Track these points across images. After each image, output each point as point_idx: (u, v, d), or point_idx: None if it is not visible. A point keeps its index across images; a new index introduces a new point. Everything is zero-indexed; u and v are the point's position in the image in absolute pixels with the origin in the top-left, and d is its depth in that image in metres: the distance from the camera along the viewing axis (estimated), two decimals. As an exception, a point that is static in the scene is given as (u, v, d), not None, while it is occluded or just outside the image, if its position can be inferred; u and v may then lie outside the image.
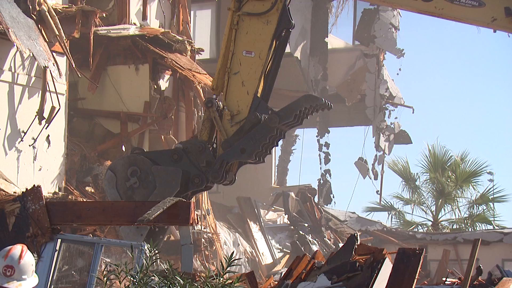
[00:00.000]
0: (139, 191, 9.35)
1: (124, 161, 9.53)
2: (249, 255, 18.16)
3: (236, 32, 9.30)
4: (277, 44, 9.43)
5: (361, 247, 8.91)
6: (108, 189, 9.51)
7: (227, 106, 9.31)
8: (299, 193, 20.98)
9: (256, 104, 9.26)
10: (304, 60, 21.78)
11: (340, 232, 20.94)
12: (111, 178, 9.47)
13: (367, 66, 22.17)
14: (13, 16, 12.87)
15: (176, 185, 9.23)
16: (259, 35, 9.25)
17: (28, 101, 13.46)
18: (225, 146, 9.26)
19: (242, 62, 9.29)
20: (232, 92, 9.31)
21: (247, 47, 9.28)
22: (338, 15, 22.82)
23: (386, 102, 22.23)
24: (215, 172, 9.27)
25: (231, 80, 9.31)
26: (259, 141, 9.21)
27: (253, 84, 9.30)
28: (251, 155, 9.29)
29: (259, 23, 9.26)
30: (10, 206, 8.38)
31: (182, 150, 9.37)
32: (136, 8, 17.53)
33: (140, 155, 9.48)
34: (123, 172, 9.40)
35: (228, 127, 9.28)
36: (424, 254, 8.14)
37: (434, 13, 9.08)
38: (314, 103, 9.48)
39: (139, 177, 9.34)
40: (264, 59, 9.30)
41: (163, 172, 9.25)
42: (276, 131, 9.26)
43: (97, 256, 8.29)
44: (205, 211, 16.13)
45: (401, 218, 24.28)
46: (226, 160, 9.27)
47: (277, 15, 9.25)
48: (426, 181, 24.20)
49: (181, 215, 8.44)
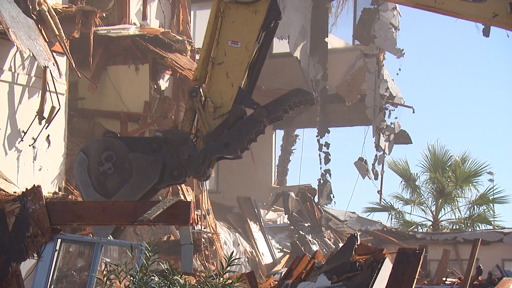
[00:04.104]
0: (112, 178, 8.79)
1: (99, 145, 8.94)
2: (249, 255, 18.16)
3: (222, 21, 8.85)
4: (264, 35, 9.04)
5: (361, 247, 8.92)
6: (78, 172, 8.90)
7: (210, 98, 8.82)
8: (299, 193, 20.98)
9: (240, 97, 8.82)
10: (304, 60, 21.77)
11: (340, 232, 20.94)
12: (82, 161, 8.86)
13: (367, 66, 22.16)
14: (13, 16, 12.87)
15: (155, 176, 8.72)
16: (247, 24, 8.85)
17: (28, 101, 13.46)
18: (207, 139, 8.78)
19: (227, 52, 8.83)
20: (216, 83, 8.84)
21: (233, 37, 8.83)
22: (338, 14, 22.82)
23: (386, 102, 22.21)
24: (197, 167, 8.77)
25: (214, 70, 8.84)
26: (245, 136, 8.78)
27: (238, 76, 8.84)
28: (236, 150, 8.84)
29: (247, 12, 8.85)
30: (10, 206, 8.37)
31: (162, 140, 8.84)
32: (136, 8, 17.54)
33: (118, 140, 8.88)
34: (97, 156, 8.81)
35: (210, 120, 8.81)
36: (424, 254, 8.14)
37: (433, 7, 8.89)
38: (304, 97, 9.05)
39: (114, 163, 8.77)
40: (250, 50, 8.87)
41: (142, 161, 8.71)
42: (263, 125, 8.85)
43: (97, 256, 8.29)
44: (205, 211, 16.12)
45: (401, 218, 24.30)
46: (209, 154, 8.80)
47: (266, 5, 8.88)
48: (426, 181, 24.22)
49: (181, 215, 8.36)
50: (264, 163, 23.18)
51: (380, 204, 23.66)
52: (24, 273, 8.80)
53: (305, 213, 20.50)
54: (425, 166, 24.14)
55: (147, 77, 16.49)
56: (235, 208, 19.59)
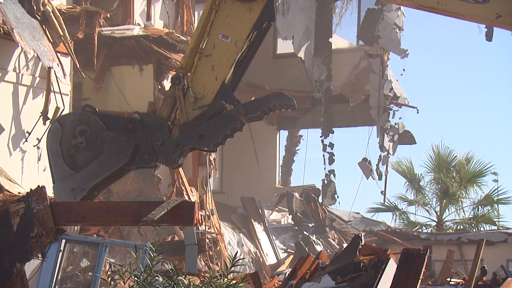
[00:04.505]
0: (83, 153, 8.75)
1: (75, 117, 8.95)
2: (253, 256, 18.16)
3: (216, 14, 8.78)
4: (255, 34, 8.97)
5: (365, 248, 8.91)
6: (51, 141, 8.89)
7: (192, 88, 8.78)
8: (303, 193, 20.97)
9: (222, 92, 8.76)
10: (308, 60, 21.76)
11: (344, 233, 20.93)
12: (56, 131, 8.86)
13: (371, 67, 22.14)
14: (17, 17, 12.89)
15: (125, 157, 8.69)
16: (240, 21, 8.78)
17: (32, 102, 13.48)
18: (183, 129, 8.75)
19: (216, 46, 8.77)
20: (200, 74, 8.80)
21: (225, 31, 8.77)
22: (342, 15, 22.80)
23: (390, 103, 22.19)
24: (168, 154, 8.75)
25: (201, 61, 8.78)
26: (220, 131, 8.73)
27: (223, 70, 8.79)
28: (209, 143, 8.79)
29: (242, 9, 8.76)
30: (15, 206, 8.38)
31: (139, 122, 8.80)
32: (140, 8, 17.56)
33: (94, 115, 8.85)
34: (71, 128, 8.79)
35: (189, 109, 8.76)
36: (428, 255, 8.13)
37: (436, 9, 8.87)
38: (283, 102, 8.93)
39: (87, 138, 8.73)
40: (239, 47, 8.81)
41: (114, 140, 8.70)
42: (239, 123, 8.81)
43: (102, 256, 8.30)
44: (209, 212, 16.13)
45: (405, 218, 24.27)
46: (182, 143, 8.76)
47: (262, 5, 8.78)
48: (431, 181, 24.19)
49: (186, 215, 8.36)
50: (268, 163, 23.18)
51: (384, 204, 23.64)
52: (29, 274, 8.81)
53: (309, 213, 20.49)
54: (429, 167, 24.13)
55: (151, 78, 16.50)
56: (239, 209, 19.59)
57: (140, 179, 14.92)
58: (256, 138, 22.28)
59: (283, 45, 22.35)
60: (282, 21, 21.04)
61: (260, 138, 22.55)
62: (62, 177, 8.78)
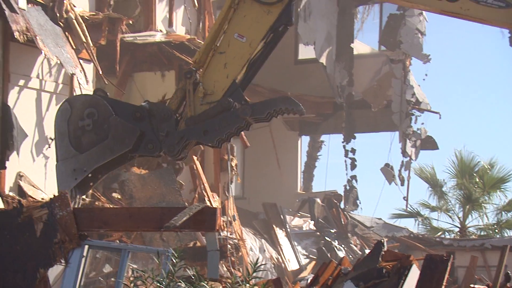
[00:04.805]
0: (89, 135, 8.82)
1: (85, 100, 9.05)
2: (275, 261, 18.14)
3: (234, 12, 8.82)
4: (271, 37, 8.99)
5: (388, 253, 8.87)
6: (59, 121, 8.96)
7: (203, 83, 8.82)
8: (325, 199, 20.93)
9: (232, 90, 8.79)
10: (330, 66, 21.74)
11: (366, 238, 20.85)
12: (65, 111, 8.92)
13: (393, 72, 22.08)
14: (40, 24, 12.98)
15: (129, 143, 8.74)
16: (257, 22, 8.80)
17: (55, 108, 13.55)
18: (189, 122, 8.80)
19: (230, 44, 8.81)
20: (212, 71, 8.84)
21: (241, 30, 8.80)
22: (364, 20, 22.78)
23: (413, 108, 22.12)
24: (171, 146, 8.79)
25: (214, 58, 8.84)
26: (225, 128, 8.76)
27: (235, 69, 8.83)
28: (213, 140, 8.82)
29: (260, 10, 8.78)
30: (38, 212, 8.43)
31: (147, 111, 8.86)
32: (162, 15, 17.63)
33: (104, 99, 8.94)
34: (80, 110, 8.86)
35: (198, 104, 8.79)
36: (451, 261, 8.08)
37: (459, 14, 8.83)
38: (290, 106, 8.89)
39: (94, 121, 8.80)
40: (254, 48, 8.83)
41: (120, 126, 8.75)
42: (244, 122, 8.84)
43: (124, 262, 8.32)
44: (231, 217, 16.14)
45: (428, 224, 24.15)
46: (186, 137, 8.79)
47: (281, 8, 8.79)
48: (453, 187, 24.06)
49: (208, 221, 8.38)
50: (290, 169, 23.16)
51: (407, 210, 23.53)
52: (52, 279, 8.85)
53: (331, 219, 20.45)
54: (452, 172, 23.99)
55: (173, 84, 16.55)
56: (261, 214, 19.58)
57: (162, 185, 14.96)
58: (278, 144, 22.28)
59: (305, 50, 22.34)
60: (303, 26, 21.04)
61: (281, 144, 22.55)
62: (66, 156, 8.86)
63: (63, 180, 8.85)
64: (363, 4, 22.48)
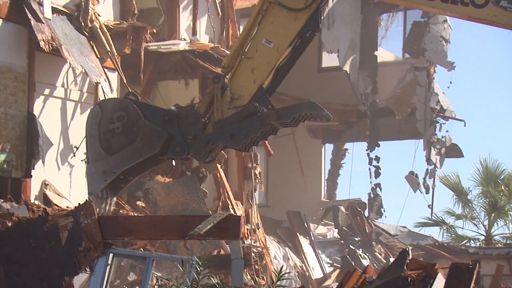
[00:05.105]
0: (118, 138, 8.98)
1: (115, 103, 9.23)
2: (299, 270, 18.10)
3: (262, 18, 8.92)
4: (298, 42, 9.05)
5: (413, 262, 8.81)
6: (90, 123, 9.18)
7: (230, 88, 8.94)
8: (349, 207, 20.86)
9: (259, 95, 8.89)
10: (354, 74, 21.70)
11: (391, 247, 20.75)
12: (96, 114, 9.14)
13: (417, 79, 22.00)
14: (65, 33, 13.08)
15: (157, 146, 8.87)
16: (284, 28, 8.89)
17: (80, 117, 13.64)
18: (216, 126, 8.91)
19: (258, 49, 8.91)
20: (240, 75, 8.95)
21: (269, 36, 8.89)
22: (387, 28, 22.72)
23: (437, 115, 22.02)
24: (197, 149, 8.90)
25: (242, 63, 8.94)
26: (250, 132, 8.85)
27: (262, 74, 8.93)
28: (239, 144, 8.91)
29: (288, 16, 8.87)
30: (63, 220, 8.48)
31: (175, 115, 9.01)
32: (186, 23, 17.68)
33: (134, 103, 9.08)
34: (110, 113, 9.04)
35: (225, 108, 8.90)
36: (477, 269, 8.02)
37: (486, 20, 8.80)
38: (315, 112, 8.99)
39: (124, 125, 8.96)
40: (281, 53, 8.92)
41: (149, 129, 8.89)
42: (270, 127, 8.91)
43: (149, 270, 8.34)
44: (255, 225, 16.13)
45: (453, 232, 23.99)
46: (213, 140, 8.92)
47: (308, 14, 8.86)
48: (478, 195, 23.89)
49: (231, 229, 8.39)
50: (314, 177, 23.12)
51: (431, 218, 23.40)
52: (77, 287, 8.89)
53: (355, 227, 20.38)
54: (477, 180, 23.82)
55: (197, 92, 16.59)
56: (284, 222, 19.55)
57: (186, 193, 14.99)
58: (302, 152, 22.26)
59: (328, 58, 22.32)
60: (327, 34, 21.03)
61: (305, 152, 22.52)
62: (96, 158, 9.03)
63: (93, 181, 9.00)
64: (387, 11, 22.42)
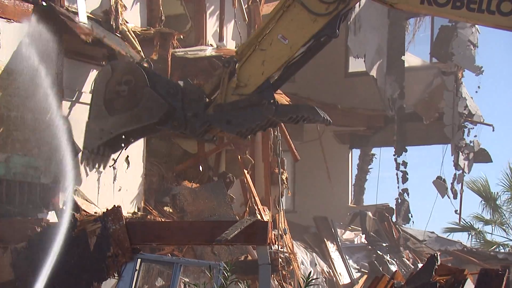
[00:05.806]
0: (122, 100, 9.19)
1: (126, 67, 9.43)
2: (327, 275, 18.05)
3: (283, 14, 9.10)
4: (313, 44, 9.24)
5: (441, 268, 8.77)
6: (99, 81, 9.36)
7: (238, 75, 9.11)
8: (377, 212, 20.77)
9: (264, 87, 9.06)
10: (381, 79, 21.63)
11: (419, 252, 20.64)
12: (107, 73, 9.33)
13: (445, 84, 21.87)
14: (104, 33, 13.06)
15: (156, 117, 9.06)
16: (302, 28, 9.04)
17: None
18: (216, 108, 9.08)
19: (273, 43, 9.07)
20: (250, 65, 9.12)
21: (285, 32, 9.06)
22: (415, 32, 22.62)
23: (465, 120, 21.87)
24: (193, 127, 9.11)
25: (254, 53, 9.12)
26: (247, 122, 9.05)
27: (272, 68, 9.10)
28: (234, 131, 9.15)
29: (307, 17, 9.02)
30: (91, 226, 8.53)
31: (181, 89, 9.21)
32: (212, 29, 17.72)
33: (144, 70, 9.25)
34: (119, 75, 9.23)
35: (229, 93, 9.09)
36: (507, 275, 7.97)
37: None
38: (312, 116, 9.24)
39: (130, 89, 9.16)
40: (294, 52, 9.11)
41: (151, 98, 9.06)
42: (266, 121, 9.10)
43: (176, 275, 8.37)
44: (282, 231, 16.11)
45: (482, 238, 23.80)
46: (209, 121, 9.11)
47: (327, 19, 9.03)
48: (507, 200, 23.69)
49: (259, 235, 8.42)
50: (341, 182, 23.04)
51: (460, 224, 23.23)
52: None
53: (382, 232, 20.29)
54: (506, 185, 23.63)
55: (223, 98, 16.60)
56: (311, 228, 19.51)
57: (213, 199, 15.01)
58: (328, 157, 22.20)
59: (355, 63, 22.26)
60: (354, 39, 20.98)
61: (332, 157, 22.46)
62: (96, 116, 9.21)
63: (90, 138, 9.21)
64: (414, 16, 22.33)
